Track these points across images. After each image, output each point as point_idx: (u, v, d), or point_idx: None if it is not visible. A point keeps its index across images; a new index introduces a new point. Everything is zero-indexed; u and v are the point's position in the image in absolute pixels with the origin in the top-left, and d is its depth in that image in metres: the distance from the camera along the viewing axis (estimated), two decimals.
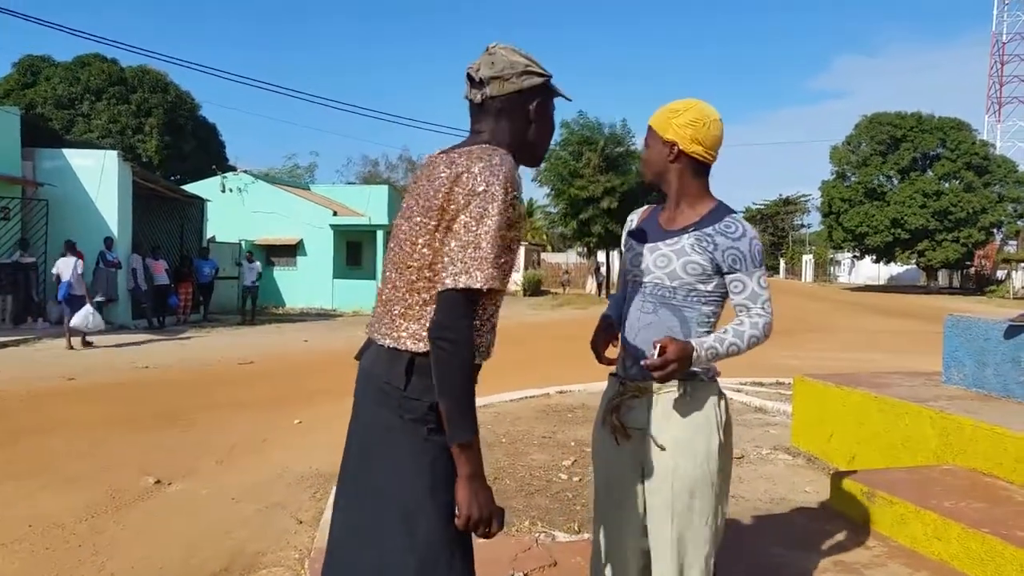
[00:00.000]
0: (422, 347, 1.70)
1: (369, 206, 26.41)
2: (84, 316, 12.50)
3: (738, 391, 8.52)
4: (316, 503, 4.71)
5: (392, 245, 1.85)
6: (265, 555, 3.92)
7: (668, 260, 2.16)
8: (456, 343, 1.62)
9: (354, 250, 26.27)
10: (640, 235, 2.28)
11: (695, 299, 2.18)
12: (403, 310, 1.75)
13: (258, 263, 20.96)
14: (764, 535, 3.71)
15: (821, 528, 3.81)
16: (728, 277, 2.17)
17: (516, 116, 1.86)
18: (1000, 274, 49.19)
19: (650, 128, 2.26)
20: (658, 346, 2.02)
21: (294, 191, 27.50)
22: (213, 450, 6.07)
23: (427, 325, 1.70)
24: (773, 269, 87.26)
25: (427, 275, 1.72)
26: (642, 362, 2.05)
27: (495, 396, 7.54)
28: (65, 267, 13.28)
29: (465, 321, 1.65)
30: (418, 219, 1.75)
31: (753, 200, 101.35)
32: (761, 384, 9.16)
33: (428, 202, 1.73)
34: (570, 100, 1.97)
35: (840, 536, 3.71)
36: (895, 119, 46.82)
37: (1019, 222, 47.34)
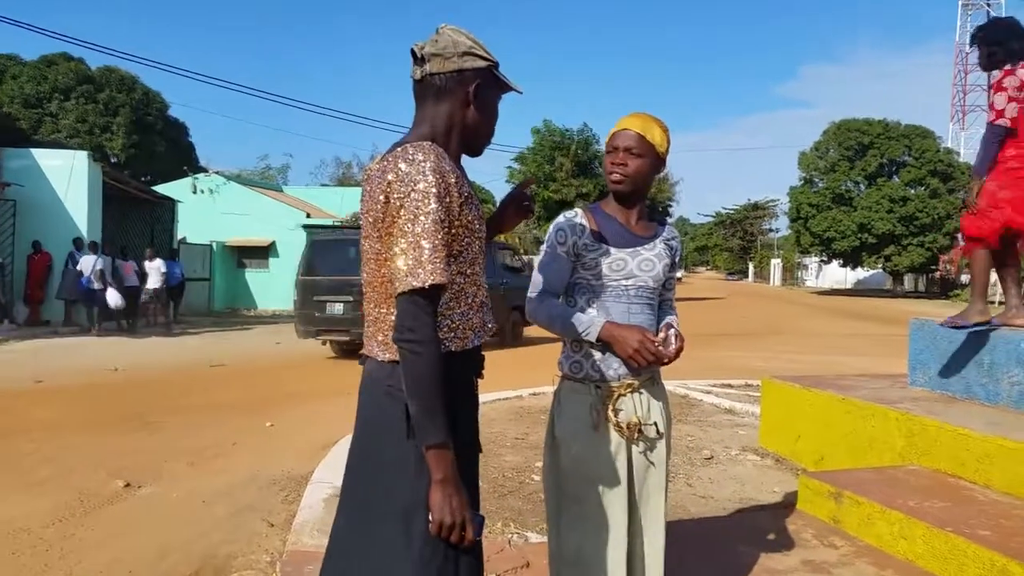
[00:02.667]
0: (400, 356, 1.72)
1: (343, 208, 26.28)
2: (114, 297, 15.01)
3: (707, 392, 8.61)
4: (288, 506, 4.69)
5: (363, 265, 1.85)
6: (236, 558, 3.90)
7: (652, 264, 2.35)
8: (417, 343, 1.64)
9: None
10: (612, 240, 2.31)
11: (657, 297, 2.41)
12: (383, 324, 1.78)
13: (160, 262, 17.79)
14: (733, 535, 3.76)
15: (789, 528, 3.87)
16: (667, 276, 2.44)
17: (455, 97, 1.83)
18: (964, 278, 50.02)
19: (641, 138, 2.29)
20: (673, 333, 2.29)
21: (266, 192, 27.31)
22: (184, 453, 6.02)
23: None
24: (742, 273, 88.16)
25: (393, 288, 1.72)
26: (668, 349, 2.24)
27: (483, 396, 7.46)
28: (86, 264, 14.92)
29: (422, 321, 1.65)
30: (372, 236, 1.76)
31: (723, 205, 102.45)
32: (730, 386, 9.25)
33: (374, 216, 1.74)
34: (520, 92, 1.95)
35: (808, 535, 3.77)
36: (862, 126, 47.54)
37: None
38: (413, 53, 1.84)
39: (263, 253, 25.19)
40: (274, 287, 24.74)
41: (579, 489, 2.25)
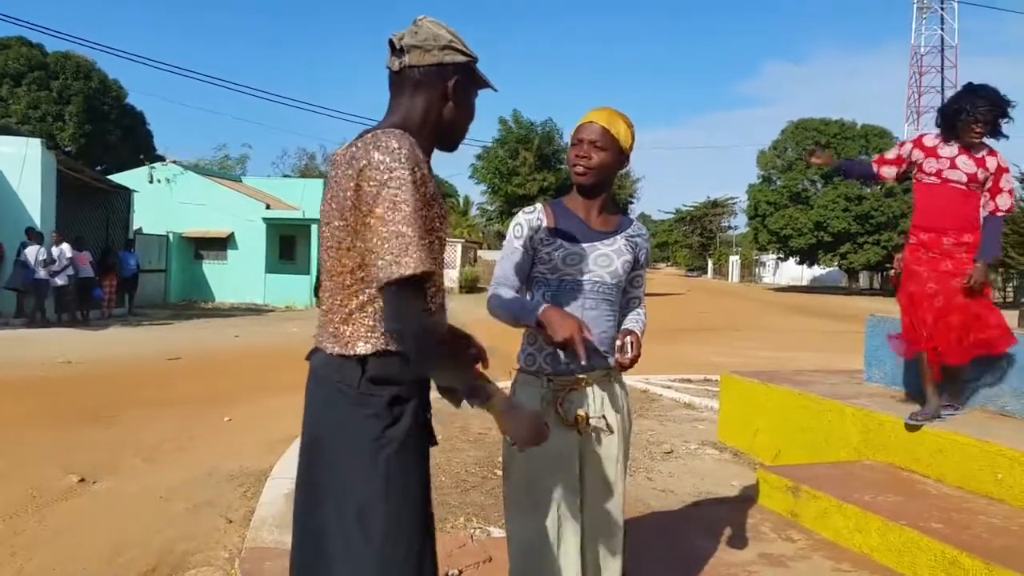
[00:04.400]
0: (370, 348, 1.70)
1: (304, 200, 26.00)
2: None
3: (668, 387, 8.70)
4: (246, 502, 4.64)
5: (322, 253, 1.82)
6: (194, 555, 3.84)
7: (610, 260, 2.34)
8: (417, 332, 1.64)
9: (288, 244, 25.78)
10: (568, 235, 2.32)
11: (619, 293, 2.41)
12: (344, 316, 1.74)
13: (66, 247, 15.94)
14: (692, 528, 3.81)
15: (747, 521, 3.92)
16: (634, 273, 2.46)
17: (433, 91, 1.81)
18: None
19: (606, 132, 2.30)
20: (630, 341, 2.28)
21: (225, 183, 26.88)
22: (140, 448, 5.92)
23: (372, 325, 1.70)
24: (702, 269, 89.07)
25: (360, 276, 1.71)
26: (624, 357, 2.26)
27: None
28: (31, 253, 14.60)
29: (415, 307, 1.65)
30: (337, 223, 1.72)
31: (683, 202, 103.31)
32: (689, 381, 9.35)
33: (341, 204, 1.71)
34: (496, 90, 1.94)
35: (765, 529, 3.83)
36: (820, 125, 48.27)
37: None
38: (391, 43, 1.81)
39: (221, 244, 24.84)
40: (232, 279, 24.44)
41: (531, 481, 2.27)
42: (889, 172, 4.50)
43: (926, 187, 4.31)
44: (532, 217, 2.35)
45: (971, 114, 4.08)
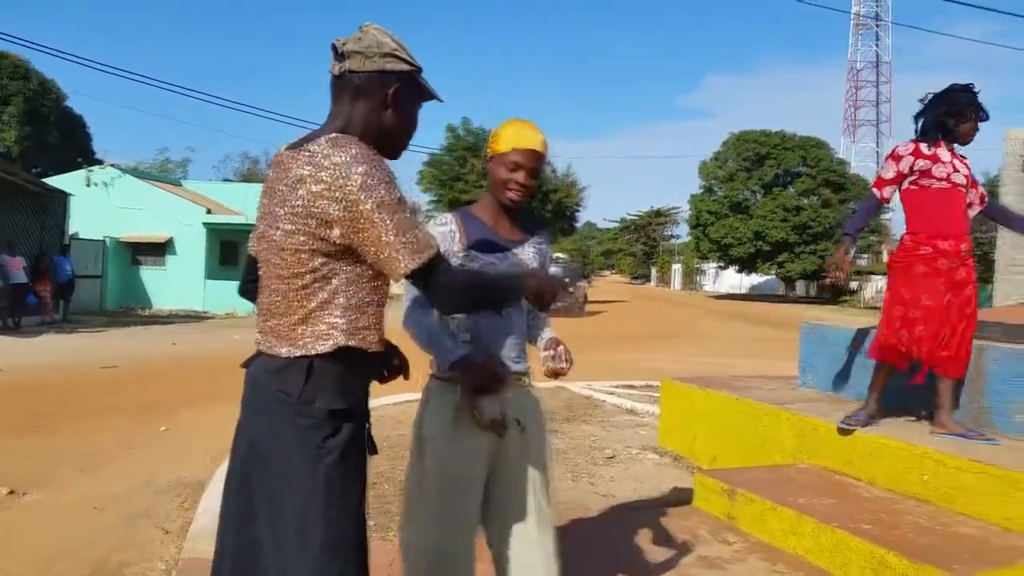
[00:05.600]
0: (330, 345, 1.70)
1: (247, 204, 25.59)
2: None
3: (610, 393, 8.79)
4: (184, 513, 4.56)
5: (265, 254, 1.77)
6: (129, 567, 3.76)
7: (521, 267, 2.38)
8: (454, 290, 1.77)
9: (229, 250, 25.33)
10: (482, 246, 2.36)
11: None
12: (303, 317, 1.71)
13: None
14: (631, 533, 3.86)
15: (686, 525, 3.99)
16: None
17: (372, 97, 1.80)
18: (853, 285, 52.56)
19: (542, 157, 2.36)
20: (563, 351, 2.38)
21: (165, 187, 26.34)
22: (74, 458, 5.77)
23: (333, 322, 1.70)
24: (645, 277, 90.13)
25: (323, 275, 1.70)
26: (559, 366, 2.36)
27: (375, 400, 7.39)
28: None
29: (443, 280, 1.74)
30: (289, 227, 1.69)
31: (628, 211, 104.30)
32: (632, 387, 9.47)
33: (295, 208, 1.68)
34: (442, 101, 1.94)
35: (703, 532, 3.91)
36: (760, 137, 49.28)
37: (871, 236, 50.73)
38: (334, 48, 1.81)
39: (159, 250, 24.33)
40: (171, 286, 23.94)
41: (441, 486, 2.28)
42: (890, 193, 4.31)
43: (938, 193, 4.11)
44: (445, 230, 2.36)
45: (972, 111, 4.10)
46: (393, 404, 7.29)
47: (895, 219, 50.42)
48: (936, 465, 3.79)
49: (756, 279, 59.31)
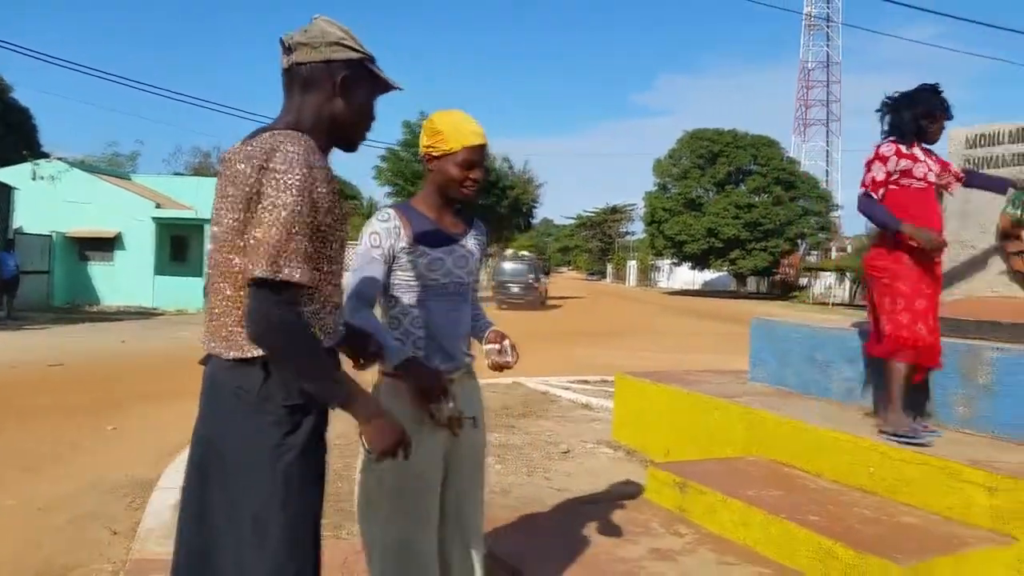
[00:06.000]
0: (260, 351, 1.67)
1: (198, 199, 25.16)
2: None
3: (566, 389, 8.85)
4: (132, 513, 4.47)
5: (214, 253, 1.75)
6: (75, 569, 3.69)
7: (466, 260, 2.43)
8: (274, 331, 1.61)
9: (179, 245, 24.89)
10: (428, 241, 2.36)
11: (470, 291, 2.50)
12: (239, 318, 1.69)
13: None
14: (585, 526, 3.88)
15: (638, 518, 4.03)
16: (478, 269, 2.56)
17: (321, 88, 1.78)
18: (803, 281, 53.55)
19: (486, 146, 2.36)
20: (509, 344, 2.39)
21: (114, 181, 25.74)
22: (18, 458, 5.62)
23: None
24: (601, 273, 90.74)
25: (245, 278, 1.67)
26: (504, 360, 2.37)
27: None
28: None
29: (275, 310, 1.61)
30: (229, 222, 1.68)
31: (584, 208, 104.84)
32: (587, 382, 9.54)
33: (234, 203, 1.67)
34: (400, 89, 1.92)
35: (656, 525, 3.95)
36: (713, 135, 49.92)
37: (820, 234, 51.69)
38: (282, 42, 1.79)
39: (108, 245, 23.80)
40: (120, 281, 23.44)
41: (400, 483, 2.28)
42: (882, 195, 4.21)
43: (918, 192, 4.16)
44: (389, 226, 2.35)
45: (942, 112, 4.16)
46: None
47: (845, 217, 51.45)
48: (881, 457, 3.88)
49: (709, 275, 60.10)
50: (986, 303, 4.60)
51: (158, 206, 24.22)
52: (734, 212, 47.63)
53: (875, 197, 4.18)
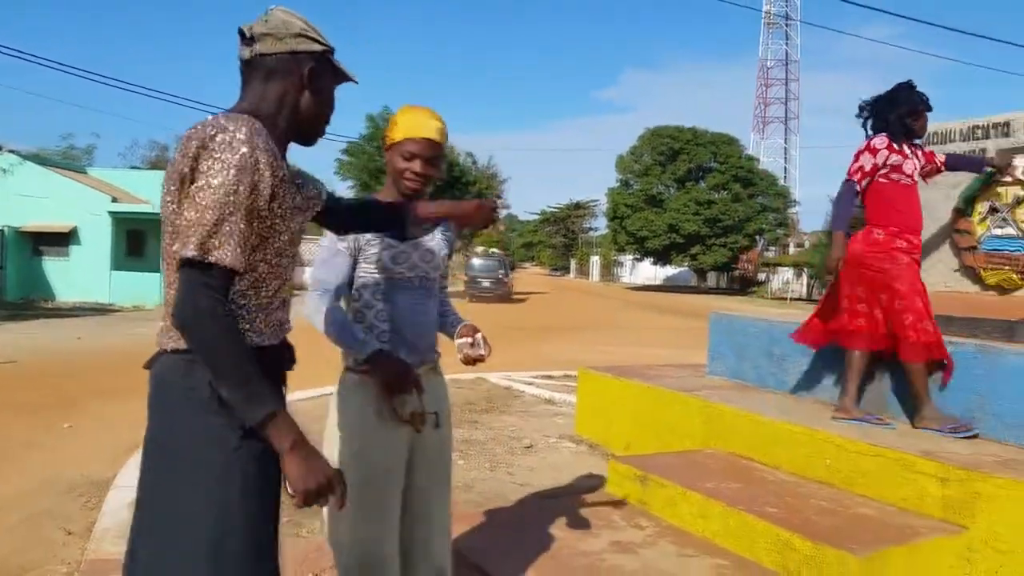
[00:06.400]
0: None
1: (155, 193, 24.64)
2: None
3: (530, 384, 8.87)
4: (88, 513, 4.40)
5: (165, 246, 1.66)
6: (30, 571, 3.61)
7: (432, 255, 2.43)
8: (197, 319, 1.50)
9: (136, 240, 24.46)
10: (391, 234, 2.35)
11: (438, 286, 2.50)
12: None
13: None
14: (547, 520, 3.90)
15: (600, 511, 4.06)
16: (445, 266, 2.55)
17: (287, 80, 1.73)
18: (761, 276, 54.30)
19: (440, 147, 2.37)
20: (480, 337, 2.39)
21: (69, 174, 25.19)
22: None
23: None
24: (565, 269, 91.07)
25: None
26: (476, 353, 2.37)
27: (288, 395, 7.25)
28: None
29: (201, 295, 1.50)
30: (169, 208, 1.62)
31: (548, 204, 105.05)
32: (551, 377, 9.58)
33: (175, 186, 1.60)
34: (356, 82, 1.88)
35: (617, 518, 3.98)
36: (674, 132, 50.32)
37: (778, 230, 52.42)
38: (242, 33, 1.74)
39: (63, 240, 23.31)
40: (75, 277, 22.98)
41: (365, 480, 2.26)
42: (865, 185, 4.28)
43: (905, 188, 4.24)
44: None
45: (924, 107, 4.24)
46: (305, 399, 7.20)
47: (802, 213, 52.11)
48: (837, 450, 3.95)
49: (670, 271, 60.63)
50: (939, 298, 4.69)
51: (114, 200, 23.77)
52: (694, 208, 48.11)
53: (856, 188, 4.24)
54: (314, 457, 1.57)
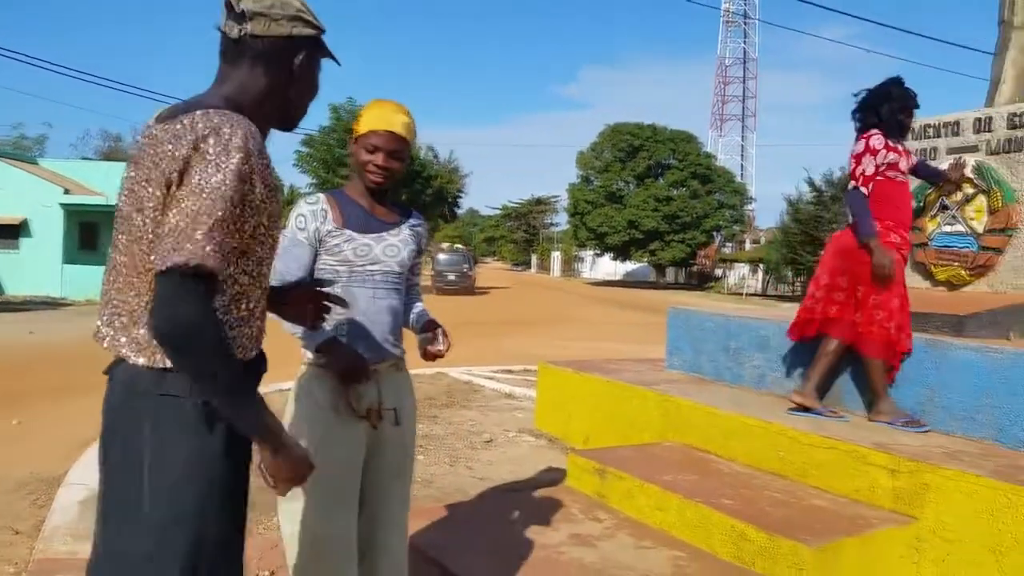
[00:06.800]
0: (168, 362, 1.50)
1: (109, 185, 24.23)
2: None
3: (490, 378, 8.88)
4: (37, 511, 4.30)
5: (125, 240, 1.54)
6: None
7: (397, 250, 2.39)
8: (188, 333, 1.40)
9: (89, 232, 23.93)
10: (356, 226, 2.34)
11: (404, 282, 2.47)
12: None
13: None
14: (507, 514, 3.91)
15: (559, 505, 4.07)
16: (414, 262, 2.52)
17: (278, 66, 1.63)
18: (719, 272, 54.97)
19: (405, 142, 2.35)
20: (442, 332, 2.39)
21: (19, 165, 24.58)
22: None
23: None
24: (526, 264, 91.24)
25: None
26: (437, 349, 2.36)
27: None
28: None
29: (186, 305, 1.40)
30: (151, 211, 1.48)
31: (509, 199, 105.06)
32: (511, 371, 9.60)
33: (155, 187, 1.47)
34: (340, 64, 1.81)
35: (575, 511, 4.00)
36: (634, 129, 50.61)
37: (735, 227, 53.05)
38: (231, 7, 1.60)
39: (12, 232, 22.78)
40: (26, 270, 22.47)
41: (322, 474, 2.19)
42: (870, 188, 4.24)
43: (900, 185, 4.28)
44: (316, 208, 2.34)
45: (915, 104, 4.28)
46: (265, 394, 7.09)
47: (758, 210, 52.89)
48: (791, 442, 4.01)
49: (630, 266, 61.05)
50: None
51: (67, 192, 23.26)
52: (654, 205, 48.48)
53: (865, 193, 4.20)
54: (298, 450, 1.60)
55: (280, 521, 2.38)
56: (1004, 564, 3.08)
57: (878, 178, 4.25)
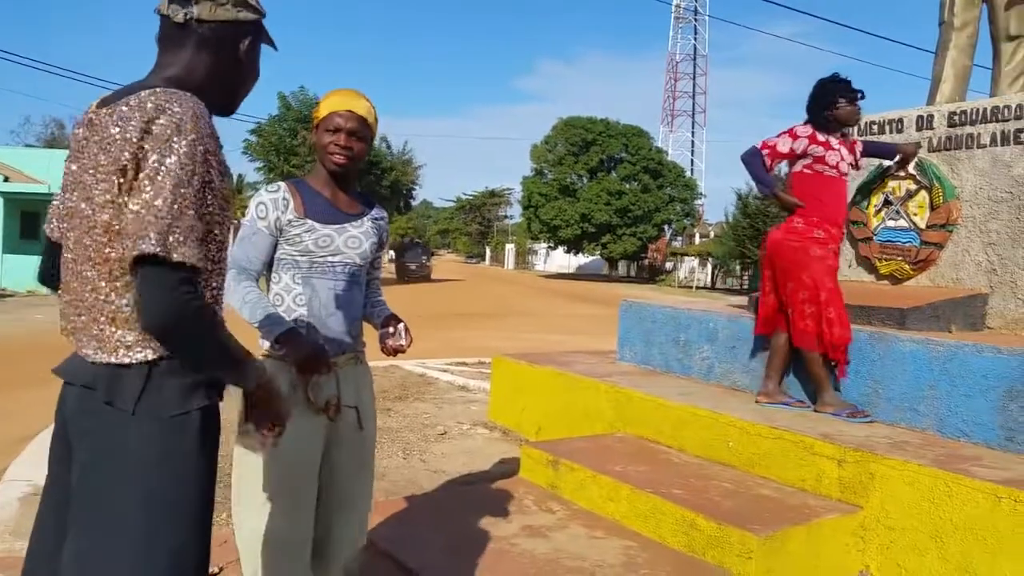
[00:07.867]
0: (151, 353, 1.47)
1: (50, 173, 23.52)
2: None
3: (444, 371, 8.85)
4: None
5: (75, 233, 1.50)
6: None
7: (359, 241, 2.37)
8: (182, 322, 1.40)
9: (30, 222, 23.17)
10: (318, 217, 2.31)
11: (365, 275, 2.48)
12: (112, 315, 1.47)
13: None
14: (461, 506, 3.92)
15: (512, 496, 4.09)
16: (376, 255, 2.51)
17: (223, 51, 1.62)
18: (669, 265, 55.61)
19: (366, 123, 2.33)
20: (403, 327, 2.38)
21: None
22: None
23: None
24: (480, 256, 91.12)
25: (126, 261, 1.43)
26: (398, 343, 2.35)
27: None
28: None
29: (175, 294, 1.38)
30: (102, 198, 1.44)
31: (464, 191, 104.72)
32: (465, 364, 9.58)
33: (108, 175, 1.43)
34: (276, 49, 1.80)
35: (528, 502, 4.02)
36: (587, 123, 50.86)
37: (685, 220, 53.69)
38: None
39: None
40: None
41: (278, 468, 2.22)
42: (775, 165, 4.48)
43: (829, 180, 4.34)
44: (277, 197, 2.30)
45: (846, 96, 4.35)
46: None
47: (708, 205, 53.56)
48: (740, 432, 4.08)
49: (583, 259, 61.42)
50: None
51: (6, 180, 22.52)
52: (606, 199, 48.81)
53: (763, 155, 4.38)
54: (276, 405, 1.73)
55: (234, 517, 2.35)
56: (945, 550, 3.17)
57: (805, 171, 4.38)
